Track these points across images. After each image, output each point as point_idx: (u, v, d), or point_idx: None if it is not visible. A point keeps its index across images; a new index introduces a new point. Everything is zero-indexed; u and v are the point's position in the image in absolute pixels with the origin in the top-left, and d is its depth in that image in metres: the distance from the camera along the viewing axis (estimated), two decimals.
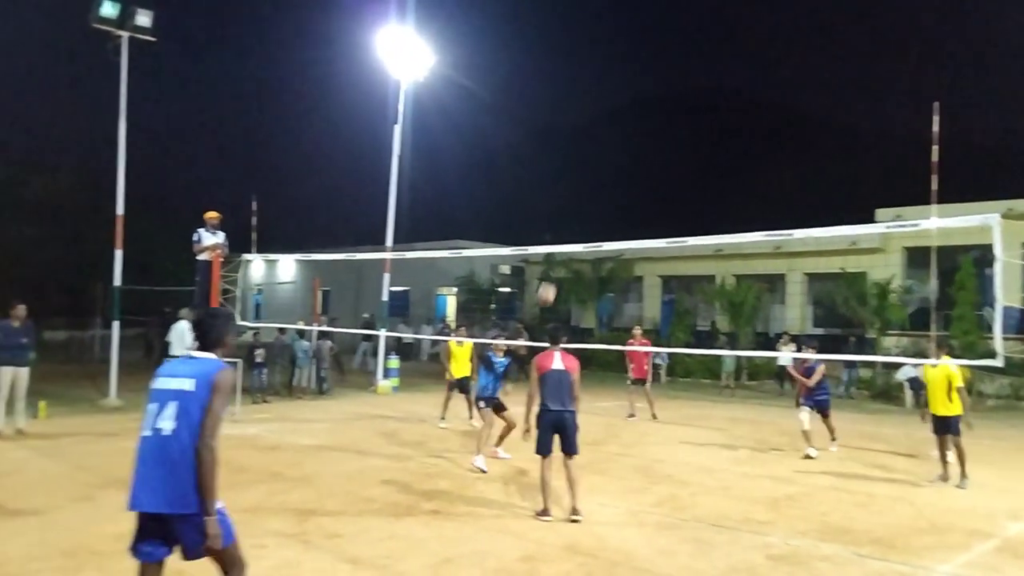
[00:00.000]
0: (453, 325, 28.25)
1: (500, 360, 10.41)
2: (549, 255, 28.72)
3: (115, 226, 15.82)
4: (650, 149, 68.62)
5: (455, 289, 33.04)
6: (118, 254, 15.78)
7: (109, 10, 15.09)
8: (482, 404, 9.98)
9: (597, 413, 15.62)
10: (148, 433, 3.62)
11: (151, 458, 3.56)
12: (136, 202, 17.69)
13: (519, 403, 8.38)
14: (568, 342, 7.79)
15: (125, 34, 15.48)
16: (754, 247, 25.01)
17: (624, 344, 16.27)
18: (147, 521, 3.58)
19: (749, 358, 22.76)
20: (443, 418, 13.10)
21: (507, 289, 33.68)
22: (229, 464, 8.98)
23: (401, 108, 19.51)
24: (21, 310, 10.85)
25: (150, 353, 22.91)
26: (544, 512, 7.09)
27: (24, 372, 10.82)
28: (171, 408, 3.59)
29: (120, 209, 15.83)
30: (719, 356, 20.83)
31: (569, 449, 7.24)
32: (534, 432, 7.30)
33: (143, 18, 15.46)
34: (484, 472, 9.03)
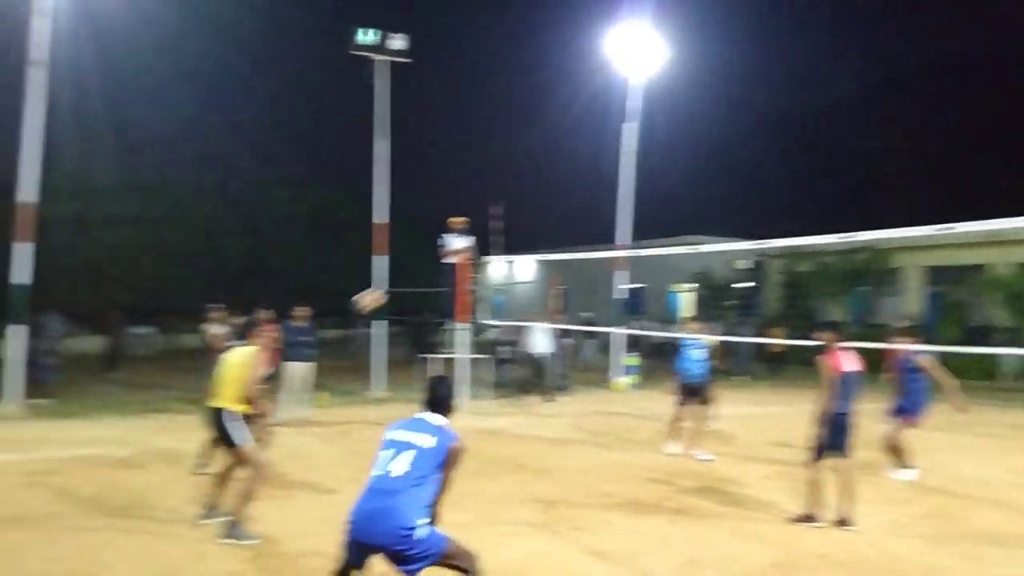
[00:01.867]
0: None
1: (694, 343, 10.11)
2: (791, 247, 27.19)
3: (376, 234, 17.43)
4: (903, 128, 62.42)
5: (690, 286, 32.39)
6: (376, 260, 17.35)
7: (365, 38, 16.58)
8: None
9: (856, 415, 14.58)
10: (379, 472, 4.13)
11: (376, 496, 4.05)
12: (399, 211, 19.28)
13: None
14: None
15: (381, 58, 16.96)
16: None
17: (882, 342, 14.99)
18: (358, 546, 4.03)
19: None
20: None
21: (746, 284, 32.39)
22: (480, 455, 9.56)
23: (634, 105, 19.52)
24: (305, 312, 12.30)
25: (412, 350, 24.95)
26: (809, 517, 6.71)
27: (309, 367, 12.27)
28: (406, 456, 4.12)
29: (378, 218, 17.40)
30: (996, 355, 18.39)
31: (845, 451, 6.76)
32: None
33: (399, 42, 16.77)
34: (711, 460, 9.24)
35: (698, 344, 10.09)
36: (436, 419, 4.37)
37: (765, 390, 17.76)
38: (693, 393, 9.87)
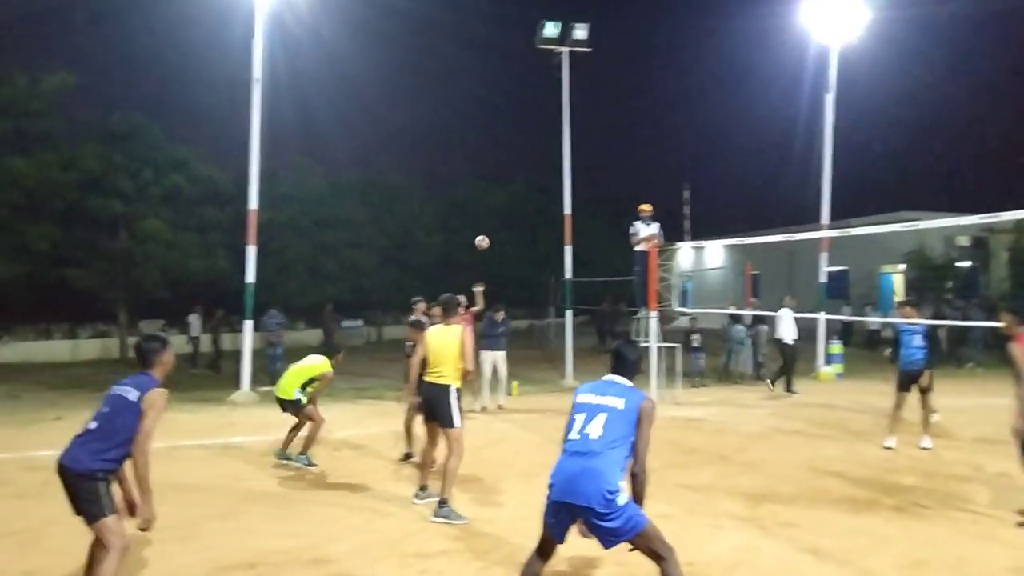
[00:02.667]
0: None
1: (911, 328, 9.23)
2: (1021, 222, 24.30)
3: (563, 224, 17.60)
4: None
5: (902, 266, 29.84)
6: (567, 250, 17.52)
7: (552, 31, 16.79)
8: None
9: None
10: (576, 436, 4.11)
11: (576, 457, 4.03)
12: (580, 201, 19.40)
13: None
14: None
15: (565, 49, 17.09)
16: None
17: None
18: (561, 507, 4.03)
19: None
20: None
21: (967, 263, 29.33)
22: (678, 445, 9.42)
23: (833, 75, 18.28)
24: (501, 310, 12.85)
25: (602, 339, 25.08)
26: None
27: (502, 356, 12.67)
28: (599, 419, 4.08)
29: (567, 209, 17.56)
30: None
31: None
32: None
33: (580, 31, 16.86)
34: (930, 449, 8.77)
35: (918, 329, 9.26)
36: (623, 381, 4.33)
37: (993, 378, 16.02)
38: (913, 382, 9.12)
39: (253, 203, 14.37)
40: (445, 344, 6.62)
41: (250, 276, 14.32)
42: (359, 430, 10.53)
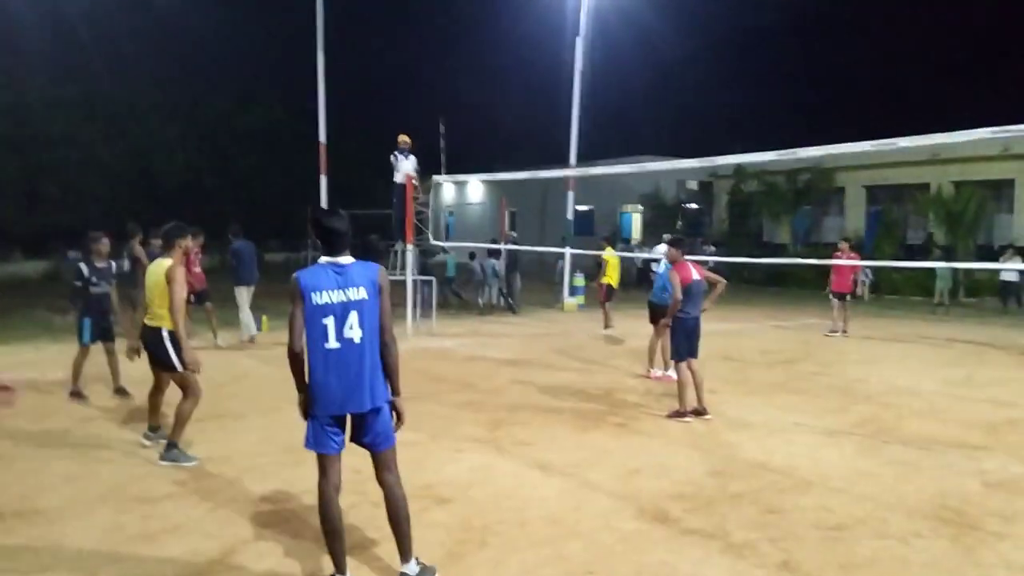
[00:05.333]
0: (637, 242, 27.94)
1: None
2: (739, 167, 27.40)
3: (319, 153, 16.96)
4: (848, 45, 62.48)
5: (640, 207, 32.52)
6: (323, 180, 16.94)
7: None
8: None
9: (793, 330, 15.00)
10: (336, 345, 3.66)
11: (344, 364, 3.67)
12: (337, 130, 18.74)
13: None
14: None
15: None
16: (976, 150, 22.30)
17: (823, 259, 15.52)
18: (334, 420, 3.76)
19: (967, 273, 20.69)
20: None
21: (694, 205, 32.66)
22: (427, 373, 9.62)
23: (583, 20, 19.07)
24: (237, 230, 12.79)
25: None
26: (682, 414, 7.50)
27: (251, 290, 12.28)
28: (353, 317, 3.66)
29: (322, 136, 16.90)
30: (933, 270, 18.95)
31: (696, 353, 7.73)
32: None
33: None
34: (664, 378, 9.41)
35: (663, 265, 9.99)
36: (347, 259, 3.75)
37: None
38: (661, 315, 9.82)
39: None
40: (155, 281, 5.95)
41: None
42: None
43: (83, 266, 8.17)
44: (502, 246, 18.63)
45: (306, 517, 4.78)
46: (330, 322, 3.67)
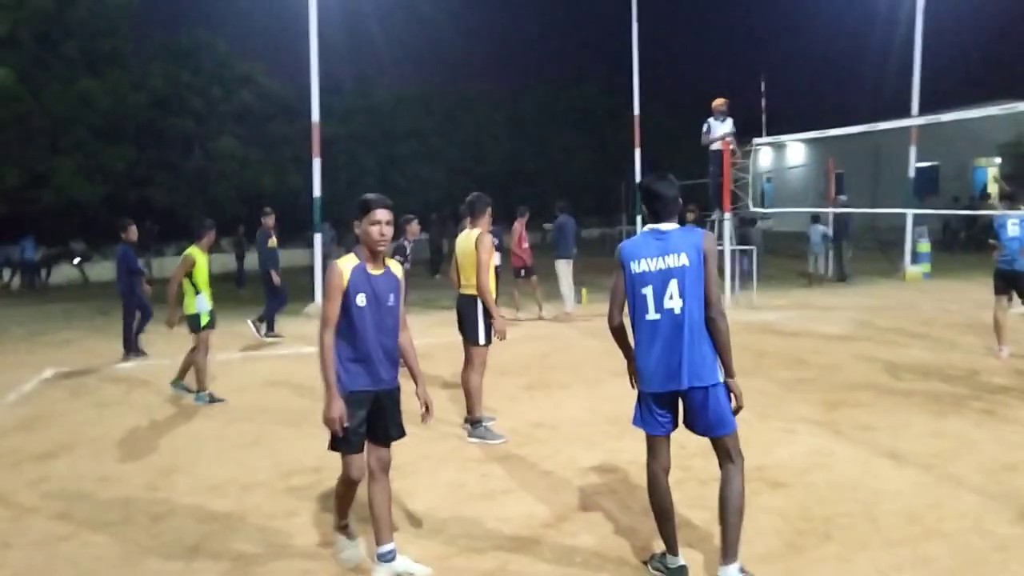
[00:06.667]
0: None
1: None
2: None
3: (632, 127, 16.97)
4: None
5: (997, 159, 27.89)
6: (636, 153, 16.93)
7: None
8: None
9: None
10: (655, 316, 3.44)
11: (664, 338, 3.42)
12: (650, 103, 18.63)
13: None
14: None
15: None
16: None
17: None
18: (668, 400, 3.51)
19: None
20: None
21: None
22: (750, 348, 9.13)
23: None
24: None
25: None
26: None
27: (570, 264, 12.63)
28: (673, 286, 3.40)
29: (636, 109, 16.87)
30: None
31: None
32: None
33: None
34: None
35: (1020, 224, 8.39)
36: (671, 226, 3.51)
37: None
38: (1011, 284, 8.31)
39: (315, 116, 14.26)
40: (465, 251, 6.05)
41: (316, 190, 14.35)
42: (426, 339, 10.58)
43: (405, 244, 9.14)
44: (831, 209, 17.13)
45: (631, 490, 4.74)
46: (649, 292, 3.44)
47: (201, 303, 7.35)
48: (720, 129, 13.49)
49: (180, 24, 23.23)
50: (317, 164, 14.26)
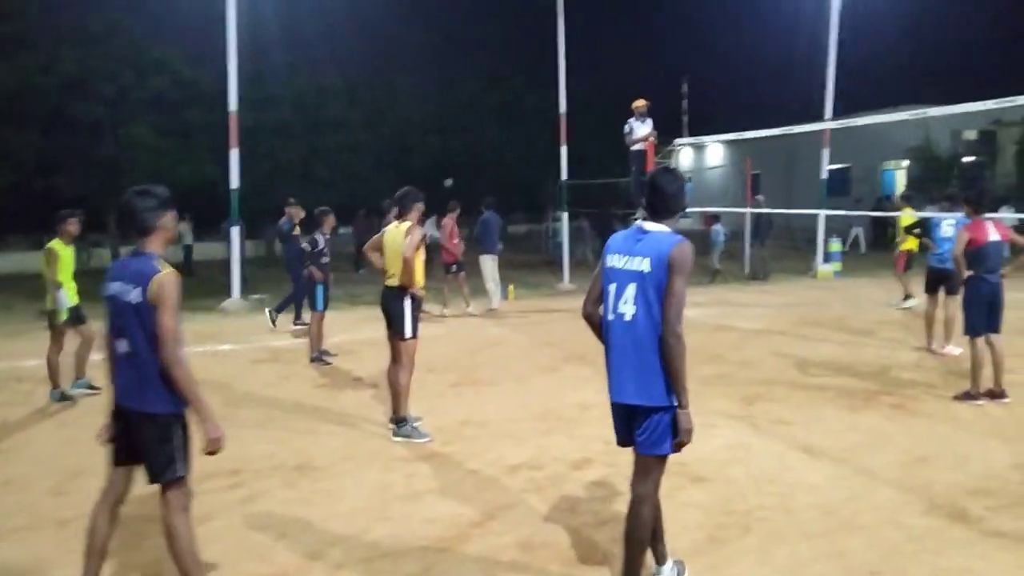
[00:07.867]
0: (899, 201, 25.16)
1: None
2: None
3: (559, 124, 17.04)
4: None
5: (905, 162, 29.26)
6: (563, 150, 17.01)
7: None
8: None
9: None
10: (610, 316, 3.27)
11: (613, 342, 3.25)
12: (578, 100, 18.71)
13: None
14: None
15: None
16: None
17: None
18: (620, 410, 3.30)
19: None
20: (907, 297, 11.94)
21: (972, 158, 28.73)
22: None
23: None
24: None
25: (598, 242, 24.79)
26: (973, 396, 6.60)
27: (495, 259, 12.67)
28: (630, 290, 3.18)
29: (563, 107, 16.95)
30: None
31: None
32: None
33: None
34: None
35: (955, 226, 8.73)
36: (655, 227, 3.24)
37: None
38: (942, 282, 8.64)
39: (233, 105, 13.81)
40: (393, 243, 5.98)
41: (234, 181, 13.90)
42: (350, 336, 10.40)
43: (319, 237, 8.94)
44: (742, 209, 17.61)
45: (559, 486, 4.75)
46: (612, 290, 3.23)
47: (61, 299, 7.00)
48: (642, 130, 13.70)
49: (92, 6, 22.17)
50: (235, 154, 13.83)
